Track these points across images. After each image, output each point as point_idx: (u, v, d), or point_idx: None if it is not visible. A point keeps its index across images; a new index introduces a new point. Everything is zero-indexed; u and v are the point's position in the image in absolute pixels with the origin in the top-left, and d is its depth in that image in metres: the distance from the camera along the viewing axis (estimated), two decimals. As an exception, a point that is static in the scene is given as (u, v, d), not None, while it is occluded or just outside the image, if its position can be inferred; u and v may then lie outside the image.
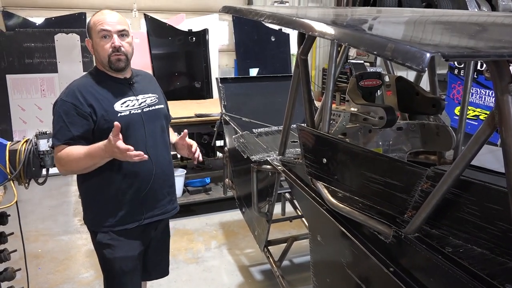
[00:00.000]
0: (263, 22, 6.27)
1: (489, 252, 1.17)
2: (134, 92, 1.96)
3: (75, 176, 2.04)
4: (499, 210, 1.14)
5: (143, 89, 2.01)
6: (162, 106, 2.07)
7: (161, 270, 2.27)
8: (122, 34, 1.88)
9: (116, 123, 1.69)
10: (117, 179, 1.89)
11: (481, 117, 4.49)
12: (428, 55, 0.87)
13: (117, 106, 1.88)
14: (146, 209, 1.97)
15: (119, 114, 1.87)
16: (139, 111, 1.93)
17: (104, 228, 1.95)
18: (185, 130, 2.09)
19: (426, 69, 0.92)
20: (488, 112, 4.35)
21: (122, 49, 1.86)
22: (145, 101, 1.98)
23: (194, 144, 2.12)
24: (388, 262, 1.36)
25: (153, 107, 2.00)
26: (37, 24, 5.63)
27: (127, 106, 1.91)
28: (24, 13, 6.05)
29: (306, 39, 1.90)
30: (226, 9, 2.18)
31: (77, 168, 1.84)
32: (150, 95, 2.02)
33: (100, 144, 1.75)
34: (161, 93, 2.13)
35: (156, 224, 2.08)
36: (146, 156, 1.73)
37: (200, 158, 2.11)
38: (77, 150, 1.80)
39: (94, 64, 2.02)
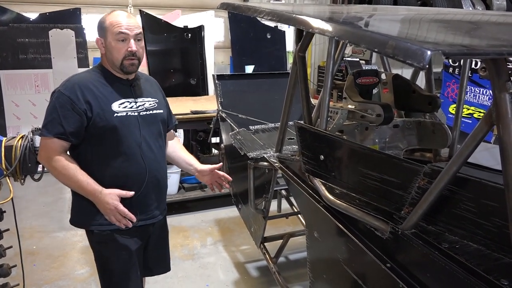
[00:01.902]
0: (261, 19, 6.27)
1: (484, 248, 1.18)
2: (134, 95, 1.96)
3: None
4: (495, 206, 1.16)
5: (143, 92, 2.01)
6: (161, 111, 2.05)
7: (163, 266, 2.27)
8: (138, 38, 1.88)
9: (131, 193, 1.87)
10: (108, 179, 1.88)
11: (475, 115, 4.53)
12: (429, 52, 0.88)
13: (115, 106, 1.88)
14: (138, 212, 1.96)
15: (115, 114, 1.86)
16: (136, 113, 1.93)
17: (95, 226, 1.94)
18: (220, 163, 2.21)
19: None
20: (482, 111, 4.39)
21: (137, 53, 1.87)
22: (143, 105, 1.97)
23: (227, 177, 2.19)
24: (385, 258, 1.37)
25: (151, 112, 1.99)
26: (31, 19, 5.58)
27: (124, 107, 1.90)
28: (18, 8, 5.98)
29: (304, 36, 1.90)
30: (225, 6, 2.18)
31: (60, 178, 1.87)
32: (149, 99, 2.02)
33: (98, 188, 1.84)
34: (162, 98, 2.12)
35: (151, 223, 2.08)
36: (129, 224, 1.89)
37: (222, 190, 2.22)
38: (74, 171, 1.84)
39: (90, 61, 2.01)
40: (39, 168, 2.32)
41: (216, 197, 4.45)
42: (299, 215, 3.38)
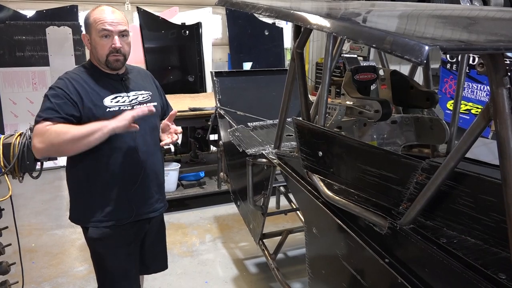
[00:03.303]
0: (258, 16, 6.26)
1: (482, 242, 1.19)
2: (126, 89, 1.95)
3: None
4: (493, 201, 1.16)
5: (135, 85, 2.00)
6: (155, 103, 2.04)
7: (160, 264, 2.28)
8: (123, 34, 1.87)
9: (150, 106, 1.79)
10: (105, 174, 1.88)
11: (472, 111, 4.54)
12: (427, 48, 0.88)
13: (107, 101, 1.87)
14: (135, 206, 1.97)
15: (107, 109, 1.85)
16: (129, 108, 1.92)
17: (93, 222, 1.94)
18: (174, 110, 2.02)
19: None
20: (480, 106, 4.40)
21: (122, 50, 1.86)
22: (136, 98, 1.96)
23: (178, 129, 2.00)
24: (384, 254, 1.38)
25: (145, 105, 1.98)
26: (28, 17, 5.55)
27: (117, 101, 1.89)
28: (14, 5, 5.94)
29: (302, 32, 1.90)
30: (222, 2, 2.17)
31: (67, 142, 1.70)
32: (142, 92, 2.01)
33: (106, 121, 1.73)
34: (155, 89, 2.11)
35: (149, 218, 2.08)
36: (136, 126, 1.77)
37: (166, 142, 1.94)
38: (76, 127, 1.72)
39: (88, 58, 2.00)
40: (38, 166, 2.32)
41: (215, 194, 4.47)
42: (297, 212, 3.38)
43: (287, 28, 7.06)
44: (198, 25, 5.78)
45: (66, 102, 1.78)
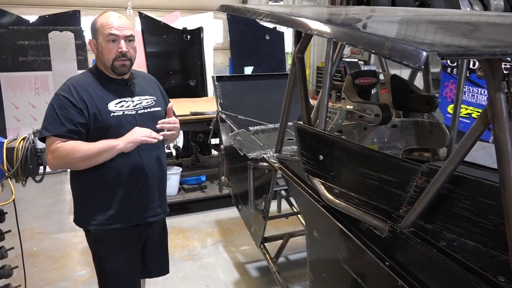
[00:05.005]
0: (260, 21, 6.29)
1: (482, 245, 1.20)
2: (130, 94, 1.96)
3: (69, 174, 2.04)
4: (492, 204, 1.17)
5: (140, 90, 2.01)
6: (159, 108, 2.05)
7: (161, 268, 2.28)
8: (129, 39, 1.89)
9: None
10: (107, 177, 1.89)
11: (473, 115, 4.55)
12: (424, 53, 0.90)
13: (111, 106, 1.88)
14: (136, 210, 1.97)
15: (111, 114, 1.87)
16: (133, 112, 1.93)
17: (94, 226, 1.95)
18: (170, 104, 2.05)
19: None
20: (480, 110, 4.41)
21: (128, 54, 1.88)
22: (140, 103, 1.98)
23: (175, 122, 1.99)
24: (384, 257, 1.39)
25: (149, 109, 2.00)
26: (30, 22, 5.59)
27: (121, 106, 1.91)
28: (17, 10, 6.00)
29: (303, 37, 1.92)
30: (224, 8, 2.20)
31: (78, 160, 1.80)
32: (147, 97, 2.02)
33: (116, 139, 1.82)
34: (160, 95, 2.12)
35: (151, 223, 2.09)
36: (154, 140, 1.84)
37: (160, 137, 1.89)
38: (85, 144, 1.81)
39: (90, 63, 2.02)
40: (41, 170, 2.33)
41: (216, 198, 4.47)
42: (298, 215, 3.39)
43: (288, 33, 7.09)
44: (199, 30, 5.81)
45: (71, 111, 1.81)
